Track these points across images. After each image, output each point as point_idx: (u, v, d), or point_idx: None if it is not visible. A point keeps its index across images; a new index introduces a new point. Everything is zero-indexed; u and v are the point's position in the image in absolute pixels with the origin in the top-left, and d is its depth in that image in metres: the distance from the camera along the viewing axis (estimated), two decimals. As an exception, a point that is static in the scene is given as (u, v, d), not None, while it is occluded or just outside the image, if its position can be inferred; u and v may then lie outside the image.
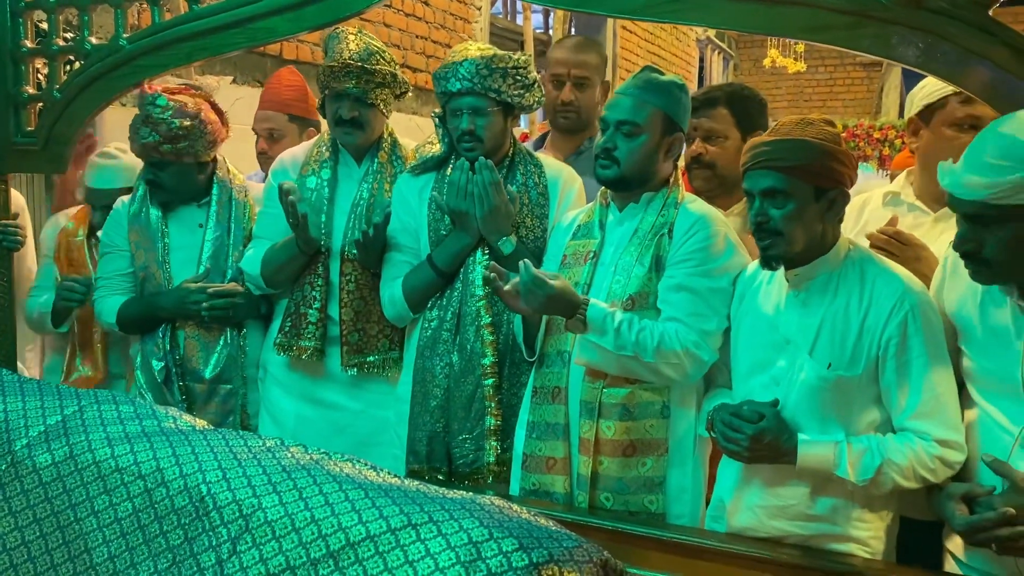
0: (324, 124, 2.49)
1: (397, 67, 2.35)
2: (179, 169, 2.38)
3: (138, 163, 2.49)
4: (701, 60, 11.86)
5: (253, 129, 3.01)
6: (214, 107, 2.46)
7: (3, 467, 1.14)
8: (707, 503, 1.94)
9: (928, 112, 2.01)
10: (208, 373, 2.38)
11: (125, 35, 2.23)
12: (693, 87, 11.56)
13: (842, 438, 1.67)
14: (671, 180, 2.01)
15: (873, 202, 2.20)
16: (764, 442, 1.66)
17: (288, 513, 0.99)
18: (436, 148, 2.29)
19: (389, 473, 1.11)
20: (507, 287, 1.89)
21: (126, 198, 2.51)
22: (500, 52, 2.17)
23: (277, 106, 2.95)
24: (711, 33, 11.55)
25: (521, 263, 1.86)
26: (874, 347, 1.65)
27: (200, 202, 2.48)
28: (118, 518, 1.05)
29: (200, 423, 1.24)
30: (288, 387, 2.38)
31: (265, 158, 2.95)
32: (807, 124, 1.70)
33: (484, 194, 2.10)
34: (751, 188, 1.71)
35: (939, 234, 1.95)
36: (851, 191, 1.76)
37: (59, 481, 1.10)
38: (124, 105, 3.28)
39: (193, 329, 2.39)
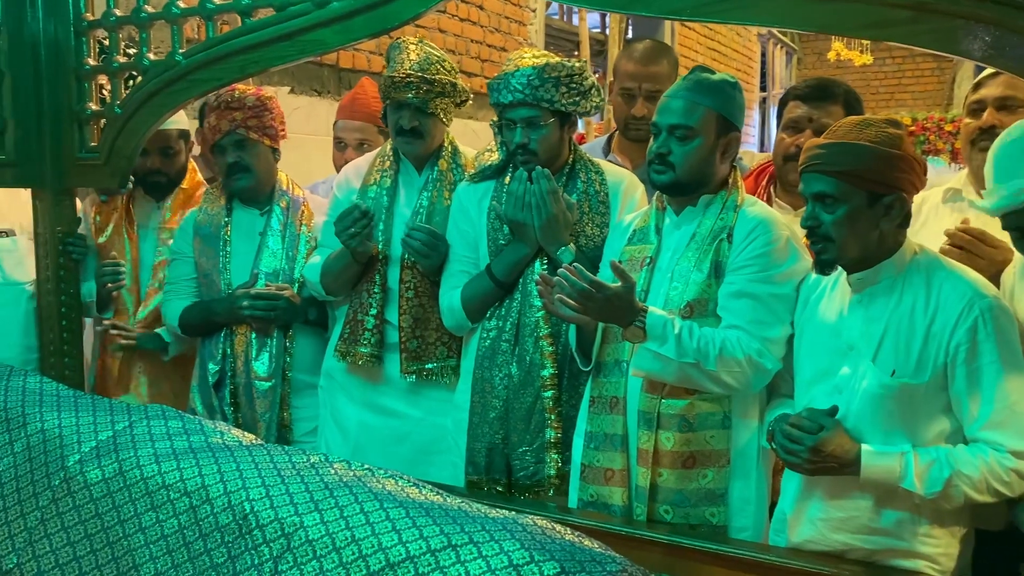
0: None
1: (457, 76, 2.35)
2: (260, 151, 2.49)
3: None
4: (763, 55, 11.64)
5: (339, 138, 3.04)
6: None
7: (56, 483, 1.17)
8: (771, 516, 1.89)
9: None
10: (263, 371, 2.43)
11: (181, 50, 2.27)
12: (754, 84, 11.36)
13: (908, 449, 1.60)
14: (729, 182, 1.96)
15: (932, 199, 2.12)
16: (825, 453, 1.60)
17: (329, 532, 0.98)
18: (495, 156, 2.28)
19: (432, 490, 1.10)
20: (558, 295, 1.85)
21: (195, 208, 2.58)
22: (554, 60, 2.13)
23: (368, 117, 3.00)
24: (772, 27, 11.32)
25: (575, 266, 1.82)
26: (941, 354, 1.58)
27: (263, 210, 2.55)
28: (164, 535, 1.06)
29: (249, 438, 1.25)
30: (351, 394, 2.41)
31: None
32: (866, 125, 1.64)
33: (542, 204, 2.07)
34: (804, 191, 1.65)
35: (999, 233, 1.85)
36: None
37: (109, 497, 1.12)
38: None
39: (246, 331, 2.45)
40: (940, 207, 2.10)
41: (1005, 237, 1.83)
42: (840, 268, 1.71)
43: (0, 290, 2.51)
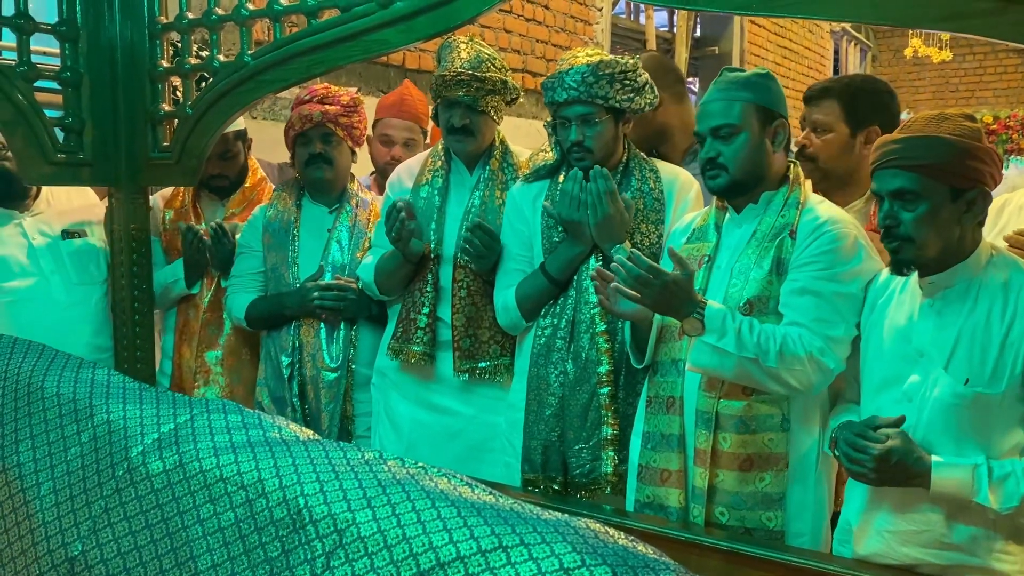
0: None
1: (508, 73, 2.35)
2: (343, 149, 2.55)
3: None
4: (836, 53, 11.36)
5: (386, 134, 3.09)
6: None
7: (120, 473, 1.20)
8: (834, 524, 1.83)
9: None
10: (331, 363, 2.47)
11: (250, 52, 2.31)
12: (827, 81, 11.06)
13: (982, 461, 1.53)
14: (791, 177, 1.91)
15: (1015, 202, 2.03)
16: (892, 463, 1.55)
17: (380, 529, 0.99)
18: (549, 156, 2.27)
19: (484, 490, 1.09)
20: (614, 284, 1.83)
21: (265, 204, 2.65)
22: (607, 57, 2.13)
23: (415, 118, 3.09)
24: (846, 23, 11.04)
25: (632, 252, 1.80)
26: (1019, 362, 1.52)
27: (332, 208, 2.60)
28: (221, 527, 1.08)
29: (306, 433, 1.26)
30: (404, 391, 2.43)
31: (392, 164, 3.03)
32: (943, 119, 1.58)
33: (598, 202, 2.06)
34: (880, 189, 1.60)
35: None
36: (1000, 189, 1.62)
37: (169, 488, 1.15)
38: (255, 118, 3.43)
39: (314, 323, 2.49)
40: (1023, 210, 2.01)
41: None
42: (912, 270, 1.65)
43: (72, 290, 2.56)
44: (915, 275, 1.64)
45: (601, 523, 1.01)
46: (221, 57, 2.39)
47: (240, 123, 2.80)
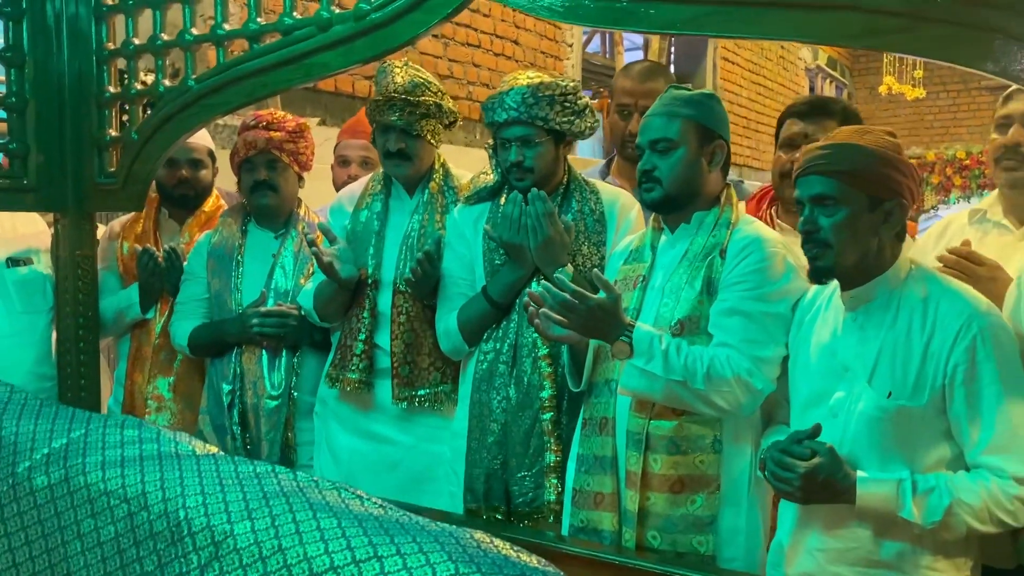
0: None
1: (444, 97, 2.36)
2: (289, 175, 2.55)
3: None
4: (811, 91, 11.51)
5: (343, 156, 3.09)
6: None
7: (4, 489, 1.17)
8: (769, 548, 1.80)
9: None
10: (273, 391, 2.44)
11: (194, 76, 2.32)
12: (803, 117, 11.19)
13: (906, 476, 1.52)
14: (723, 198, 1.92)
15: (958, 222, 2.04)
16: (818, 481, 1.53)
17: (257, 541, 0.96)
18: (490, 178, 2.27)
19: (374, 503, 1.07)
20: (543, 309, 1.82)
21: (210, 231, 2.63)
22: (548, 79, 2.13)
23: (370, 138, 3.06)
24: (821, 62, 11.21)
25: (556, 277, 1.79)
26: (940, 375, 1.51)
27: (277, 233, 2.59)
28: (100, 542, 1.05)
29: (210, 449, 1.23)
30: (343, 420, 2.39)
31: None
32: (865, 132, 1.60)
33: (538, 225, 2.05)
34: (801, 195, 1.61)
35: (1023, 251, 1.78)
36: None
37: (51, 503, 1.12)
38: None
39: (256, 350, 2.46)
40: (966, 228, 2.03)
41: (1012, 258, 1.76)
42: (835, 286, 1.64)
43: (16, 319, 2.52)
44: (839, 291, 1.64)
45: (487, 535, 0.98)
46: (166, 82, 2.39)
47: (210, 142, 2.81)
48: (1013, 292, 1.61)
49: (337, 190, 3.20)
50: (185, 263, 2.63)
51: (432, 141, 2.34)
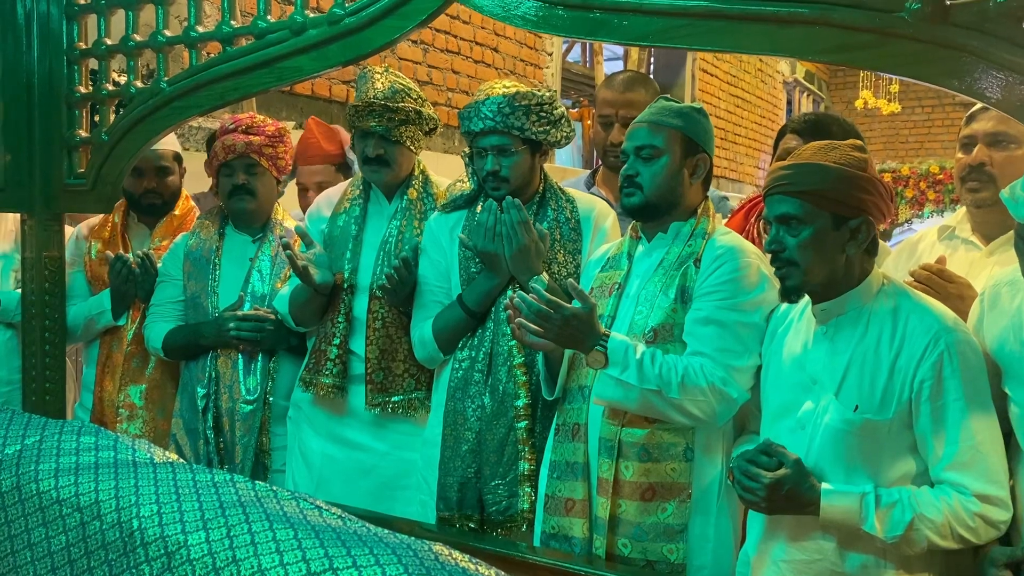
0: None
1: (425, 104, 2.35)
2: (267, 179, 2.52)
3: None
4: (789, 103, 11.62)
5: (301, 183, 3.05)
6: None
7: (-46, 497, 1.14)
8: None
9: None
10: (248, 395, 2.42)
11: (166, 78, 2.29)
12: (780, 130, 11.29)
13: (870, 489, 1.52)
14: (700, 209, 1.93)
15: (928, 238, 2.06)
16: (783, 492, 1.53)
17: (211, 552, 0.94)
18: (466, 186, 2.27)
19: (333, 514, 1.05)
20: (519, 318, 1.82)
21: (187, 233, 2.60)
22: (524, 89, 2.14)
23: (322, 159, 3.01)
24: (799, 75, 11.32)
25: (532, 287, 1.79)
26: (906, 389, 1.52)
27: (255, 237, 2.57)
28: (51, 551, 1.03)
29: (164, 456, 1.21)
30: (316, 425, 2.37)
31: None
32: (831, 148, 1.61)
33: (512, 233, 2.05)
34: (768, 215, 1.62)
35: (990, 268, 1.79)
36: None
37: (2, 511, 1.09)
38: (187, 149, 3.39)
39: (232, 354, 2.43)
40: (936, 244, 2.04)
41: (979, 274, 1.77)
42: (807, 299, 1.65)
43: None
44: (811, 304, 1.65)
45: (447, 547, 0.97)
46: (138, 83, 2.37)
47: (177, 145, 2.78)
48: (976, 308, 1.62)
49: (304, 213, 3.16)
50: (159, 266, 2.60)
51: (412, 147, 2.33)
